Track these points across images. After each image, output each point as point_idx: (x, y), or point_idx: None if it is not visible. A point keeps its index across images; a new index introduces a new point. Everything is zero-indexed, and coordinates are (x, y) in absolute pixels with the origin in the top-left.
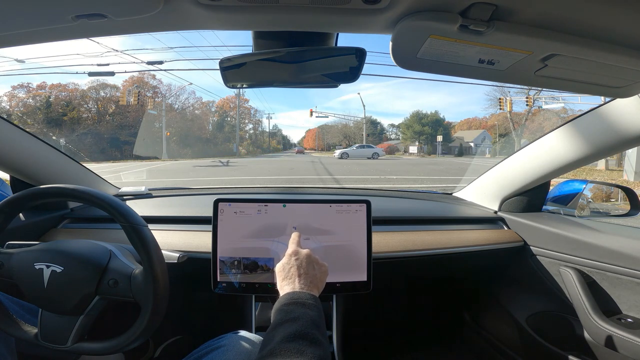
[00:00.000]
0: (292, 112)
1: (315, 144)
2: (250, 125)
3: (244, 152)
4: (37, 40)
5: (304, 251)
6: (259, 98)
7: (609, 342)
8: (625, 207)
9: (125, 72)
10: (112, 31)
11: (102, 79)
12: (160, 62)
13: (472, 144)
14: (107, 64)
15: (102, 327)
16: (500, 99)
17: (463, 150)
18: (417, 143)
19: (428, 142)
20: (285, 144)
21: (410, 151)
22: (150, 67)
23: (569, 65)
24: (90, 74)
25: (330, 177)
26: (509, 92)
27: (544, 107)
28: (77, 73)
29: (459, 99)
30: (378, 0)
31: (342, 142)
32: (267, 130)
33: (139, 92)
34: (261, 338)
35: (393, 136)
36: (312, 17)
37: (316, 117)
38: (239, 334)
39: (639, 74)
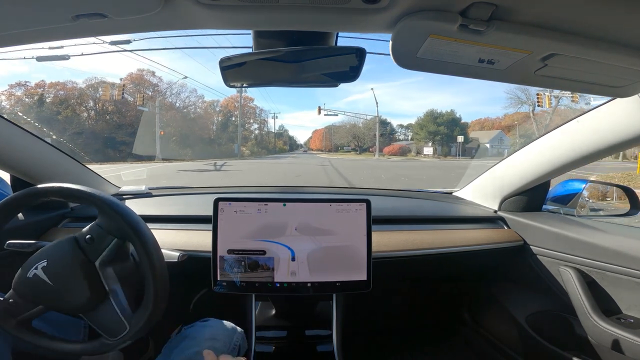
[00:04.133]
0: (298, 112)
1: (323, 145)
2: (256, 125)
3: (248, 152)
4: (37, 40)
5: None
6: (264, 98)
7: (609, 341)
8: (622, 206)
9: (82, 54)
10: (112, 31)
11: (100, 76)
12: (127, 42)
13: (488, 145)
14: (61, 47)
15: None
16: (538, 94)
17: (481, 152)
18: (430, 144)
19: (443, 143)
20: (291, 145)
21: (425, 152)
22: (114, 47)
23: (568, 65)
24: (39, 58)
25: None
26: (529, 89)
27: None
28: (24, 58)
29: (465, 100)
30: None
31: (350, 143)
32: (273, 130)
33: (123, 85)
34: (232, 326)
35: (402, 137)
36: (312, 16)
37: (324, 115)
38: (208, 322)
39: (638, 74)
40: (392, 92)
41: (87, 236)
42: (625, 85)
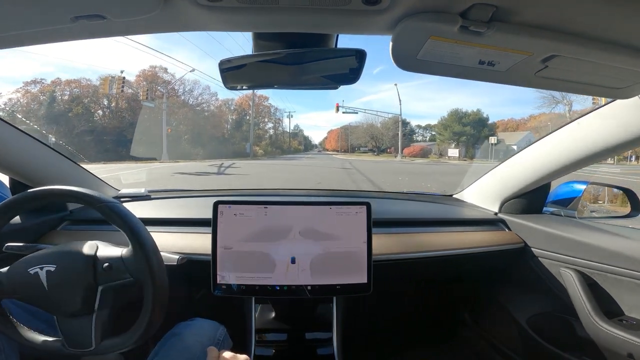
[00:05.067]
0: (313, 112)
1: (338, 145)
2: (270, 125)
3: (261, 152)
4: (37, 41)
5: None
6: (279, 97)
7: (611, 343)
8: (614, 208)
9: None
10: (112, 32)
11: (113, 73)
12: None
13: (515, 147)
14: None
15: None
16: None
17: (508, 154)
18: (453, 145)
19: (469, 144)
20: (306, 145)
21: (450, 154)
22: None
23: (569, 66)
24: None
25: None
26: None
27: None
28: None
29: (484, 100)
30: (378, 1)
31: (367, 144)
32: (288, 130)
33: (123, 79)
34: (215, 324)
35: (419, 138)
36: (312, 18)
37: (342, 112)
38: (193, 321)
39: (639, 75)
40: (408, 93)
41: (106, 264)
42: (626, 86)
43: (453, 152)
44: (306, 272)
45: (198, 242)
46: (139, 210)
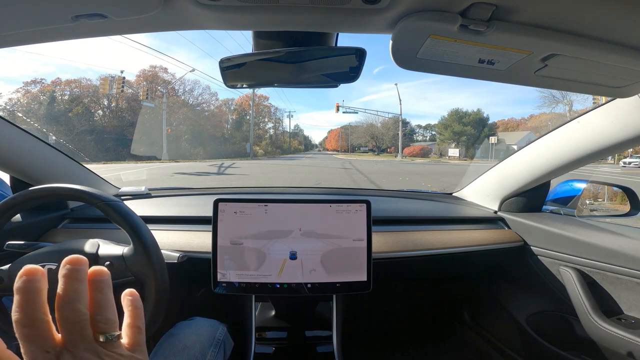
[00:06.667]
0: (313, 112)
1: (339, 145)
2: (270, 125)
3: (261, 152)
4: (37, 40)
5: None
6: (280, 96)
7: (609, 342)
8: (613, 206)
9: None
10: (112, 31)
11: (113, 73)
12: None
13: (515, 146)
14: None
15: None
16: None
17: (508, 154)
18: (453, 145)
19: (469, 144)
20: (307, 145)
21: (450, 154)
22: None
23: (569, 65)
24: None
25: None
26: None
27: None
28: None
29: (486, 100)
30: (378, 0)
31: (368, 144)
32: (288, 129)
33: (123, 79)
34: (215, 323)
35: (420, 137)
36: (311, 17)
37: (343, 112)
38: (193, 320)
39: (639, 74)
40: (409, 92)
41: (107, 262)
42: (625, 85)
43: (453, 151)
44: (306, 270)
45: (199, 240)
46: (139, 208)
